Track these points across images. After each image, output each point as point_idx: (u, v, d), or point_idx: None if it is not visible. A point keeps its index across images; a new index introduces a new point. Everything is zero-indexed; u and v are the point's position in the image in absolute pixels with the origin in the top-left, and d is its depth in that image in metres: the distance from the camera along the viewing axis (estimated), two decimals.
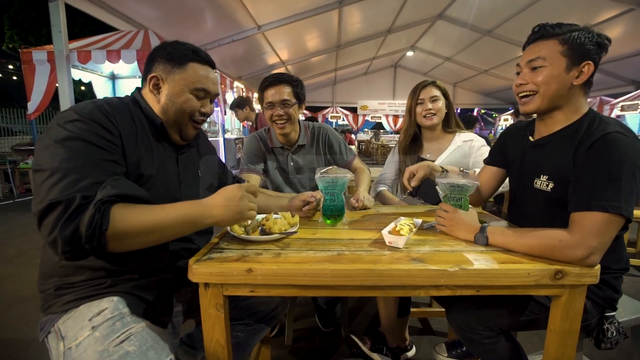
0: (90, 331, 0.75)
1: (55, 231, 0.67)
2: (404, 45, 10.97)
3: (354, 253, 0.86)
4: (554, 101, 0.96)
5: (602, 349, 0.99)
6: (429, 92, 1.60)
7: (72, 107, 0.80)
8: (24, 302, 2.11)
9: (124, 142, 0.83)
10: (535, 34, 0.97)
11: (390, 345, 1.49)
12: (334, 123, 14.87)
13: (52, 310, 0.82)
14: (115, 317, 0.79)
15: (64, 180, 0.70)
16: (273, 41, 7.35)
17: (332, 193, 1.12)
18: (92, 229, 0.67)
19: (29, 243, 3.22)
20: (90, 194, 0.70)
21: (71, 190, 0.69)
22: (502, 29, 7.82)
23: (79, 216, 0.68)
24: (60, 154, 0.72)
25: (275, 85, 1.50)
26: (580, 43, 0.91)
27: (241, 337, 1.07)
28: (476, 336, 0.96)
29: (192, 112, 0.94)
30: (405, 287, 0.80)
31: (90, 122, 0.78)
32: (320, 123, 1.79)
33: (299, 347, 1.71)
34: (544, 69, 0.93)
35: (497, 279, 0.78)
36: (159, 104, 0.93)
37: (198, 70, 0.94)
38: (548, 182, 0.98)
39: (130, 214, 0.73)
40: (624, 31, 6.68)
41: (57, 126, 0.76)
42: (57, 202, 0.67)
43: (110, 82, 6.78)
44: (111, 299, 0.82)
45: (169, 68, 0.91)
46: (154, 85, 0.92)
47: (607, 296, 0.97)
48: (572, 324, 0.82)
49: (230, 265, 0.78)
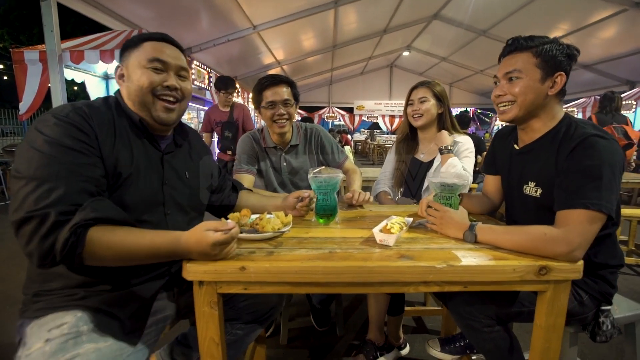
0: (43, 344, 0.74)
1: (32, 245, 0.69)
2: (400, 45, 11.01)
3: (346, 251, 0.88)
4: (530, 110, 1.01)
5: (597, 341, 1.03)
6: (419, 94, 1.62)
7: (51, 111, 0.81)
8: (15, 304, 2.08)
9: (100, 143, 0.82)
10: (509, 47, 1.02)
11: (377, 345, 1.50)
12: (330, 123, 14.89)
13: (26, 315, 0.82)
14: (71, 334, 0.76)
15: (38, 189, 0.70)
16: (269, 41, 7.35)
17: (324, 193, 1.13)
18: (66, 250, 0.70)
19: None
20: (65, 209, 0.71)
21: (46, 203, 0.70)
22: (497, 29, 7.89)
23: (55, 233, 0.69)
24: (35, 160, 0.73)
25: (277, 85, 1.54)
26: (552, 55, 0.96)
27: (239, 335, 1.08)
28: (477, 324, 0.98)
29: (150, 86, 0.89)
30: (394, 284, 0.82)
31: (66, 125, 0.78)
32: (313, 124, 1.81)
33: (294, 346, 1.72)
34: (520, 80, 0.99)
35: (483, 275, 0.80)
36: (127, 92, 0.92)
37: (152, 45, 0.92)
38: (536, 188, 1.03)
39: (106, 239, 0.74)
40: (617, 31, 6.77)
41: (35, 130, 0.76)
42: (31, 216, 0.69)
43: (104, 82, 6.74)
44: (75, 313, 0.80)
45: (127, 55, 0.92)
46: (119, 76, 0.94)
47: (603, 290, 1.01)
48: (557, 318, 0.84)
49: (224, 263, 0.80)
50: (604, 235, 0.99)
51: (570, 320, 1.02)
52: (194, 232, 0.78)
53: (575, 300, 1.00)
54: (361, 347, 1.49)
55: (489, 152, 1.33)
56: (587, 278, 1.01)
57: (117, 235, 0.75)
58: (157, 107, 0.93)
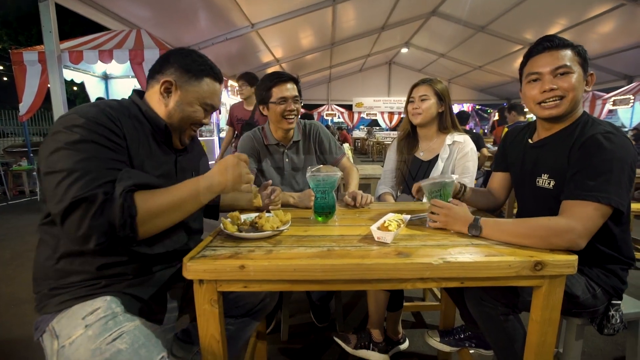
0: (84, 329, 0.77)
1: (84, 226, 0.71)
2: (398, 42, 10.99)
3: (344, 249, 0.89)
4: (574, 106, 1.03)
5: (605, 334, 1.06)
6: (420, 91, 1.62)
7: (76, 111, 0.81)
8: (20, 304, 2.12)
9: (128, 145, 0.86)
10: (548, 42, 1.02)
11: (375, 340, 1.51)
12: (329, 120, 14.88)
13: (46, 310, 0.84)
14: (107, 316, 0.81)
15: (82, 179, 0.73)
16: (267, 39, 7.34)
17: (323, 191, 1.14)
18: (124, 217, 0.74)
19: (24, 245, 3.22)
20: (109, 190, 0.75)
21: (92, 187, 0.73)
22: (495, 24, 7.87)
23: (107, 208, 0.73)
24: (73, 156, 0.75)
25: (288, 82, 1.58)
26: (586, 55, 1.01)
27: (232, 331, 1.10)
28: (494, 311, 1.00)
29: (195, 122, 1.00)
30: (392, 281, 0.83)
31: (97, 125, 0.80)
32: (312, 120, 1.83)
33: (295, 342, 1.74)
34: (571, 75, 1.00)
35: (479, 271, 0.81)
36: (165, 108, 0.96)
37: (212, 86, 0.99)
38: (549, 180, 1.05)
39: (150, 199, 0.80)
40: (615, 26, 6.76)
41: (65, 130, 0.77)
42: (81, 198, 0.71)
43: (103, 82, 6.74)
44: (104, 298, 0.84)
45: (185, 78, 0.95)
46: (165, 89, 0.95)
47: (614, 285, 1.04)
48: (552, 312, 0.86)
49: (224, 262, 0.81)
50: (617, 230, 1.02)
51: (582, 312, 1.04)
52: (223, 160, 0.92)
53: (588, 292, 1.01)
54: (358, 331, 1.53)
55: (499, 150, 1.36)
56: (599, 272, 1.04)
57: (157, 193, 0.82)
58: (187, 134, 1.03)
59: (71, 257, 0.84)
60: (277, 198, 1.28)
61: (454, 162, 1.61)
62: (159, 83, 0.94)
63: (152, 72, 0.98)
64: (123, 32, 4.93)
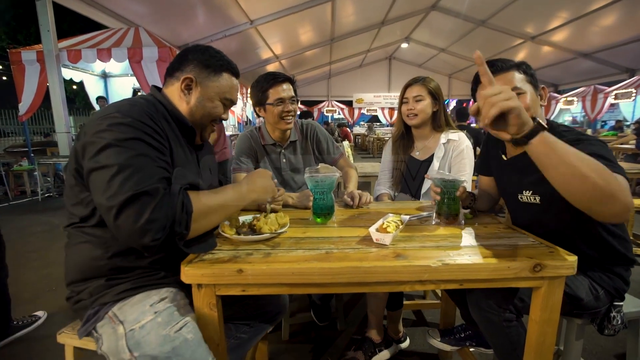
0: (153, 316, 0.81)
1: (143, 219, 0.70)
2: (398, 37, 10.93)
3: (342, 251, 0.89)
4: None
5: (605, 334, 1.06)
6: (413, 92, 1.59)
7: (118, 110, 0.80)
8: (23, 304, 2.13)
9: (171, 146, 0.88)
10: (492, 68, 1.03)
11: (376, 341, 1.51)
12: (329, 117, 14.85)
13: (103, 301, 0.85)
14: (174, 305, 0.85)
15: (137, 174, 0.73)
16: (266, 36, 7.30)
17: (321, 192, 1.14)
18: (183, 213, 0.76)
19: (26, 246, 3.23)
20: (167, 186, 0.76)
21: (150, 181, 0.73)
22: (496, 18, 7.81)
23: (167, 203, 0.74)
24: (124, 152, 0.74)
25: (285, 83, 1.57)
26: (531, 71, 1.02)
27: (243, 339, 1.11)
28: (496, 317, 0.98)
29: (216, 117, 1.01)
30: (390, 283, 0.83)
31: (143, 126, 0.80)
32: (309, 120, 1.82)
33: (296, 341, 1.74)
34: (524, 95, 1.00)
35: (478, 272, 0.81)
36: (187, 105, 0.97)
37: (230, 81, 1.01)
38: (534, 196, 1.05)
39: (202, 198, 0.83)
40: (617, 19, 6.70)
41: (112, 128, 0.76)
42: (142, 192, 0.71)
43: (102, 80, 6.72)
44: (170, 289, 0.89)
45: (205, 73, 0.96)
46: (186, 86, 0.96)
47: (617, 286, 1.04)
48: (552, 313, 0.86)
49: (222, 266, 0.81)
50: (617, 232, 1.02)
51: (583, 314, 1.04)
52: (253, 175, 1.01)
53: (591, 294, 1.01)
54: (360, 344, 1.51)
55: (483, 153, 1.35)
56: (603, 274, 1.03)
57: (205, 194, 0.85)
58: (208, 130, 1.05)
59: (124, 254, 0.86)
60: (280, 198, 1.28)
61: (450, 161, 1.59)
62: (179, 80, 0.95)
63: (171, 70, 0.98)
64: (121, 30, 4.91)
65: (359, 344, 1.51)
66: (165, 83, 1.00)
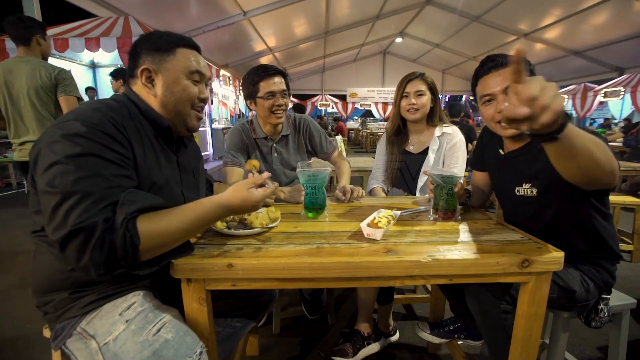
0: (125, 325, 0.77)
1: (85, 258, 0.66)
2: (393, 31, 10.88)
3: (333, 246, 0.89)
4: None
5: (592, 327, 1.08)
6: (415, 86, 1.59)
7: (76, 116, 0.74)
8: (9, 299, 2.09)
9: (135, 154, 0.80)
10: (491, 63, 1.04)
11: (365, 334, 1.52)
12: (323, 111, 14.78)
13: (69, 315, 0.81)
14: (145, 309, 0.80)
15: (82, 202, 0.66)
16: (260, 27, 7.20)
17: (313, 187, 1.13)
18: (125, 249, 0.68)
19: (11, 239, 3.17)
20: (109, 216, 0.68)
21: (92, 212, 0.66)
22: (490, 15, 7.82)
23: (107, 239, 0.67)
24: (73, 173, 0.68)
25: (276, 76, 1.54)
26: (531, 68, 1.01)
27: (237, 328, 1.10)
28: (495, 309, 0.98)
29: (191, 99, 0.92)
30: (380, 278, 0.83)
31: (101, 135, 0.73)
32: (302, 114, 1.80)
33: (287, 335, 1.75)
34: None
35: (467, 268, 0.81)
36: (156, 98, 0.89)
37: (188, 54, 0.91)
38: (532, 189, 1.06)
39: (155, 225, 0.73)
40: (608, 18, 6.77)
41: (64, 139, 0.70)
42: (79, 229, 0.65)
43: (91, 70, 6.57)
44: (137, 293, 0.84)
45: (158, 57, 0.88)
46: (147, 79, 0.88)
47: (605, 280, 1.06)
48: (538, 308, 0.87)
49: (211, 260, 0.80)
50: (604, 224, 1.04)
51: (574, 307, 1.06)
52: (237, 192, 0.82)
53: (582, 287, 1.03)
54: (349, 336, 1.52)
55: (477, 149, 1.35)
56: (592, 267, 1.06)
57: (164, 220, 0.74)
58: (192, 117, 0.95)
59: None
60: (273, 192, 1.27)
61: (444, 153, 1.62)
62: (139, 77, 0.89)
63: (129, 70, 0.92)
64: (110, 19, 4.78)
65: (347, 337, 1.52)
66: (129, 84, 0.93)
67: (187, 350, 0.76)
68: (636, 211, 2.60)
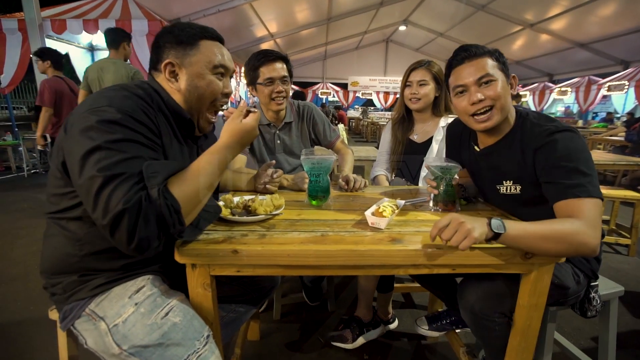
0: (134, 307, 0.79)
1: (136, 236, 0.66)
2: (396, 18, 10.70)
3: (337, 234, 0.89)
4: (506, 112, 1.00)
5: (588, 317, 1.09)
6: (418, 76, 1.58)
7: (109, 102, 0.73)
8: (11, 281, 2.11)
9: (163, 142, 0.81)
10: (464, 53, 1.01)
11: (365, 321, 1.55)
12: (324, 99, 14.65)
13: (78, 297, 0.81)
14: (154, 293, 0.82)
15: (125, 184, 0.67)
16: (261, 12, 7.06)
17: (317, 174, 1.13)
18: (172, 216, 0.69)
19: (12, 222, 3.17)
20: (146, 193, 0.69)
21: (132, 193, 0.67)
22: (496, 4, 7.68)
23: (151, 213, 0.67)
24: (113, 157, 0.68)
25: (276, 62, 1.50)
26: (503, 59, 1.00)
27: (241, 312, 1.12)
28: (490, 323, 0.97)
29: (215, 94, 0.90)
30: (384, 267, 0.84)
31: (135, 122, 0.74)
32: (306, 102, 1.78)
33: (287, 321, 1.78)
34: (494, 82, 0.98)
35: (471, 258, 0.82)
36: (179, 92, 0.88)
37: (212, 47, 0.89)
38: (515, 186, 1.03)
39: (186, 187, 0.74)
40: (614, 9, 6.66)
41: (101, 125, 0.69)
42: (123, 210, 0.65)
43: (89, 53, 6.45)
44: (146, 277, 0.85)
45: (181, 51, 0.86)
46: (170, 73, 0.87)
47: (592, 267, 1.07)
48: (539, 298, 0.88)
49: (216, 246, 0.80)
50: None
51: (567, 301, 1.06)
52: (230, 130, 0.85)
53: (574, 280, 1.03)
54: (348, 322, 1.54)
55: (449, 146, 1.31)
56: (581, 257, 1.05)
57: (189, 179, 0.76)
58: (210, 115, 0.95)
59: (97, 254, 0.82)
60: (277, 179, 1.27)
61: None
62: (162, 71, 0.87)
63: (152, 64, 0.90)
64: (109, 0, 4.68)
65: (347, 323, 1.54)
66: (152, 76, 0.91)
67: (194, 333, 0.77)
68: (636, 205, 2.61)
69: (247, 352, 1.51)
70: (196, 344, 0.77)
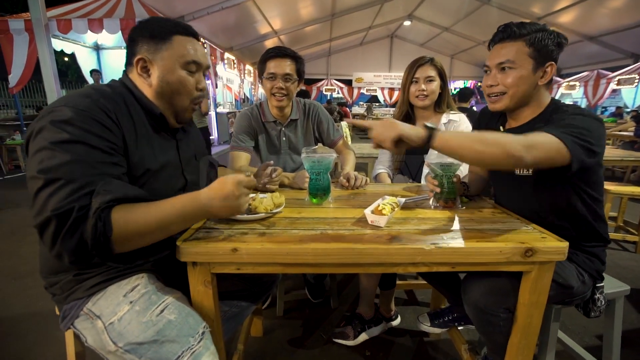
0: (129, 305, 0.80)
1: (57, 245, 0.67)
2: (401, 14, 10.59)
3: (337, 232, 0.89)
4: (521, 101, 1.02)
5: (591, 317, 1.08)
6: (425, 72, 1.55)
7: (66, 102, 0.73)
8: (21, 278, 2.16)
9: (126, 141, 0.80)
10: (501, 34, 1.01)
11: (367, 318, 1.55)
12: (328, 96, 14.60)
13: (75, 296, 0.83)
14: (149, 291, 0.83)
15: (63, 189, 0.66)
16: (265, 9, 7.04)
17: (317, 172, 1.13)
18: (96, 238, 0.67)
19: (21, 220, 3.23)
20: (86, 204, 0.68)
21: (68, 201, 0.66)
22: None
23: (80, 227, 0.67)
24: (57, 158, 0.68)
25: (280, 58, 1.50)
26: (544, 45, 0.96)
27: (243, 307, 1.13)
28: (495, 319, 0.97)
29: (189, 91, 0.90)
30: (384, 265, 0.84)
31: (89, 122, 0.73)
32: (311, 100, 1.78)
33: (290, 317, 1.79)
34: (513, 71, 0.98)
35: (471, 256, 0.82)
36: (151, 88, 0.88)
37: (184, 42, 0.89)
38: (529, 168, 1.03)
39: (131, 216, 0.71)
40: (624, 1, 6.50)
41: (52, 126, 0.69)
42: (55, 215, 0.65)
43: (95, 52, 6.51)
44: (140, 275, 0.86)
45: (153, 46, 0.86)
46: (142, 69, 0.87)
47: (597, 268, 1.05)
48: (540, 296, 0.88)
49: (216, 244, 0.81)
50: (594, 208, 1.02)
51: (572, 300, 1.05)
52: (213, 184, 0.79)
53: (579, 280, 1.02)
54: (350, 319, 1.55)
55: (476, 129, 1.32)
56: (585, 257, 1.04)
57: (139, 211, 0.72)
58: (188, 111, 0.95)
59: None
60: (277, 178, 1.27)
61: None
62: (134, 65, 0.87)
63: (127, 58, 0.90)
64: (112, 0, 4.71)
65: (349, 320, 1.55)
66: (127, 72, 0.91)
67: (189, 330, 0.78)
68: None
69: (250, 348, 1.53)
70: (190, 341, 0.77)
